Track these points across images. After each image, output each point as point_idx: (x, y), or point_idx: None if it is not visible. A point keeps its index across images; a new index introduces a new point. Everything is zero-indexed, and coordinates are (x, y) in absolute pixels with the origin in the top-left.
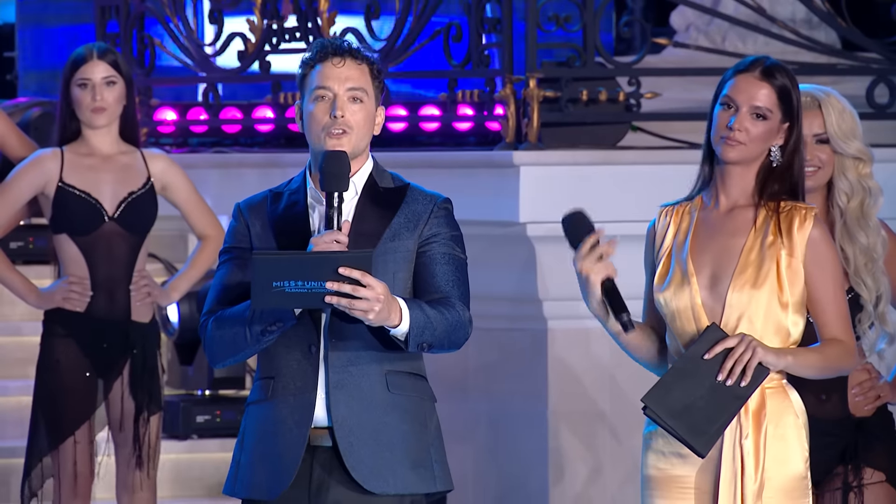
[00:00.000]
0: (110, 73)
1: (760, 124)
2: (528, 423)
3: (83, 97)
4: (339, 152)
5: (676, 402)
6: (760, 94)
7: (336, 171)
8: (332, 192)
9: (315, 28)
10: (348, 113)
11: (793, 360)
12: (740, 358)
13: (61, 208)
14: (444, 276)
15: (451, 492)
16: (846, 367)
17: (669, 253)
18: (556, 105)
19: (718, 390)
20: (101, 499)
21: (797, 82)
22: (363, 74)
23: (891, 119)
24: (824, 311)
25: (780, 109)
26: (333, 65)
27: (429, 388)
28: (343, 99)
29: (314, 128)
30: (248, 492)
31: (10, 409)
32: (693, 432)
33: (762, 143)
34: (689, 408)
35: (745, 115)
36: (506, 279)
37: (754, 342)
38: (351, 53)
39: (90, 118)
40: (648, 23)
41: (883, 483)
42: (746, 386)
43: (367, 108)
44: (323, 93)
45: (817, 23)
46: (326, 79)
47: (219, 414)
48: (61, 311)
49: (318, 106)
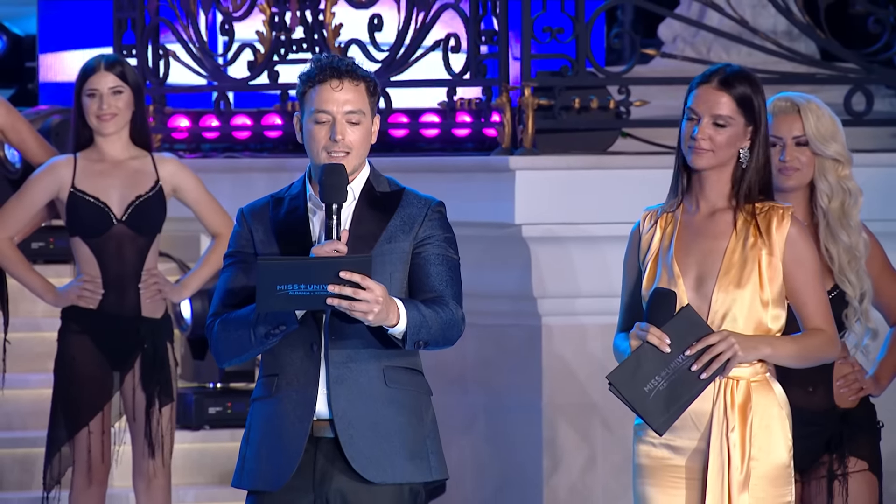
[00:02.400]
0: (117, 83)
1: (723, 132)
2: (525, 415)
3: (91, 105)
4: (338, 165)
5: (641, 381)
6: (720, 103)
7: (335, 183)
8: (331, 203)
9: (321, 39)
10: (348, 136)
11: (770, 351)
12: (720, 357)
13: (74, 212)
14: (438, 276)
15: (447, 480)
16: (827, 355)
17: (656, 258)
18: (550, 112)
19: (683, 373)
20: (119, 486)
21: (759, 86)
22: (360, 95)
23: (867, 126)
24: (805, 305)
25: (741, 115)
26: (332, 88)
27: (425, 382)
28: (342, 123)
29: (314, 146)
30: (253, 483)
31: (32, 402)
32: (653, 412)
33: (728, 149)
34: (652, 388)
35: (707, 125)
36: (503, 278)
37: (735, 343)
38: (348, 74)
39: (98, 126)
40: (637, 35)
41: (865, 472)
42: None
43: (364, 126)
44: (322, 117)
45: (797, 34)
46: (325, 102)
47: (230, 406)
48: (76, 309)
49: (318, 128)
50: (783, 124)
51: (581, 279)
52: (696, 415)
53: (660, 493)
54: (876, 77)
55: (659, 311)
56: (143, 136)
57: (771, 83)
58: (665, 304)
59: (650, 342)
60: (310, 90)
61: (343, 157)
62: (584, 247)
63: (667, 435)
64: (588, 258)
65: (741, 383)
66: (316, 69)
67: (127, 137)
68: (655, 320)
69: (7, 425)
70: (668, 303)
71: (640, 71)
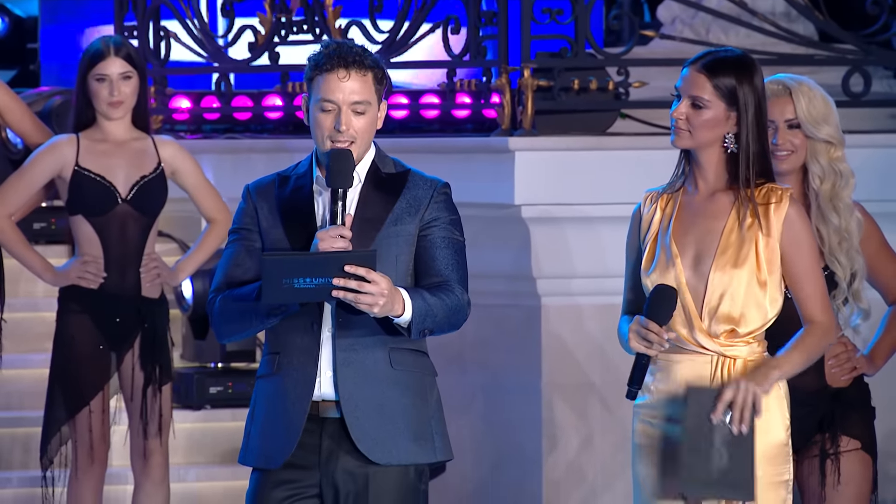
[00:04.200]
0: (126, 68)
1: (699, 113)
2: (523, 394)
3: (101, 91)
4: (344, 150)
5: (706, 473)
6: (697, 84)
7: (341, 169)
8: (336, 188)
9: (321, 21)
10: (353, 125)
11: (780, 372)
12: (745, 405)
13: (77, 190)
14: (443, 260)
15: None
16: (827, 345)
17: (655, 238)
18: (549, 94)
19: (730, 439)
20: (117, 465)
21: (750, 73)
22: (366, 85)
23: (865, 107)
24: (802, 289)
25: (720, 99)
26: (339, 78)
27: (430, 363)
28: (348, 113)
29: (319, 133)
30: (257, 460)
31: (32, 382)
32: (738, 489)
33: (707, 131)
34: (720, 470)
35: (685, 104)
36: (502, 258)
37: (749, 385)
38: (356, 64)
39: (107, 111)
40: (636, 16)
41: (858, 451)
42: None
43: (370, 115)
44: (328, 106)
45: (796, 16)
46: (331, 92)
47: (230, 385)
48: (76, 288)
49: (324, 116)
50: (775, 107)
51: (579, 260)
52: None
53: (657, 472)
54: (874, 58)
55: (660, 307)
56: (144, 118)
57: (769, 64)
58: (666, 301)
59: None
60: (317, 77)
61: (347, 145)
62: (582, 227)
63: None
64: (586, 239)
65: (738, 363)
66: (324, 57)
67: (129, 119)
68: (656, 316)
69: (7, 405)
70: (668, 299)
71: (639, 52)
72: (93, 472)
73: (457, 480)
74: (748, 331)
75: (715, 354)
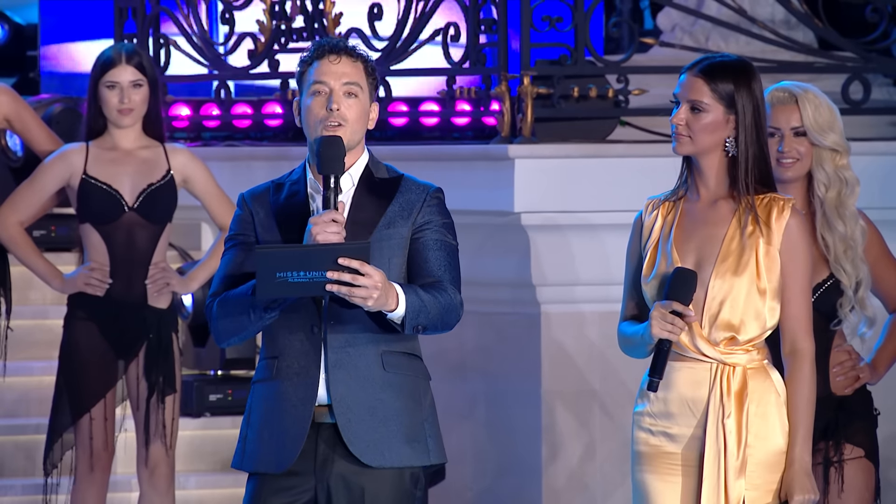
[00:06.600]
0: (137, 76)
1: (699, 117)
2: (524, 401)
3: (111, 98)
4: (335, 137)
5: None
6: (695, 89)
7: (332, 154)
8: (328, 174)
9: (321, 28)
10: (343, 107)
11: (803, 442)
12: None
13: (85, 199)
14: (436, 262)
15: (447, 467)
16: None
17: (656, 245)
18: (549, 101)
19: None
20: (122, 473)
21: (748, 77)
22: (358, 71)
23: (865, 114)
24: (789, 302)
25: (718, 103)
26: (330, 62)
27: (423, 366)
28: (339, 94)
29: (311, 120)
30: (255, 465)
31: (35, 389)
32: None
33: (707, 136)
34: None
35: (684, 109)
36: (502, 266)
37: (806, 497)
38: (347, 51)
39: (117, 118)
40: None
41: (862, 458)
42: None
43: (361, 103)
44: (319, 87)
45: (795, 23)
46: (323, 74)
47: (230, 393)
48: (83, 296)
49: (315, 100)
50: (781, 115)
51: (580, 267)
52: (692, 402)
53: (657, 480)
54: (873, 66)
55: (681, 289)
56: (156, 126)
57: (769, 72)
58: (687, 282)
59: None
60: (308, 68)
61: (338, 127)
62: (582, 235)
63: (664, 422)
64: (587, 246)
65: (737, 370)
66: (314, 48)
67: (140, 128)
68: (677, 297)
69: (11, 412)
70: (689, 281)
71: (639, 60)
72: (93, 479)
73: (458, 488)
74: (748, 338)
75: (715, 362)
